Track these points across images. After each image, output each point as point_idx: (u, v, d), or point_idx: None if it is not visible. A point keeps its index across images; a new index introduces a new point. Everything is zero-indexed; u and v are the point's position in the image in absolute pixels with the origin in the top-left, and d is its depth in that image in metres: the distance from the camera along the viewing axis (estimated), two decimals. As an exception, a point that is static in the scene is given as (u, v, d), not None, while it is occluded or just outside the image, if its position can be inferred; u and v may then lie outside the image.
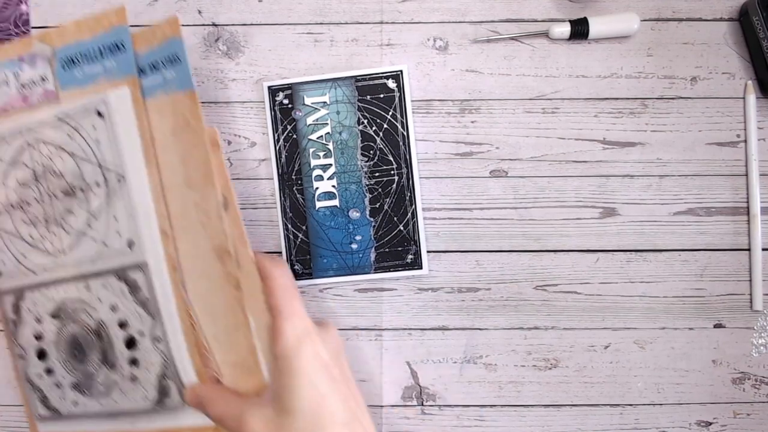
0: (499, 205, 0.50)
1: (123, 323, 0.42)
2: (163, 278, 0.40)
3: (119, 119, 0.40)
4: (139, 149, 0.40)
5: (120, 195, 0.40)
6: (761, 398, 0.49)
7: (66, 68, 0.41)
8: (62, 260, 0.42)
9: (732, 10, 0.50)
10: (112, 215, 0.41)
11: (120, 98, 0.40)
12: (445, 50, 0.50)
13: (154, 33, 0.39)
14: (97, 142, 0.41)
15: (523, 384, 0.49)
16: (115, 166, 0.40)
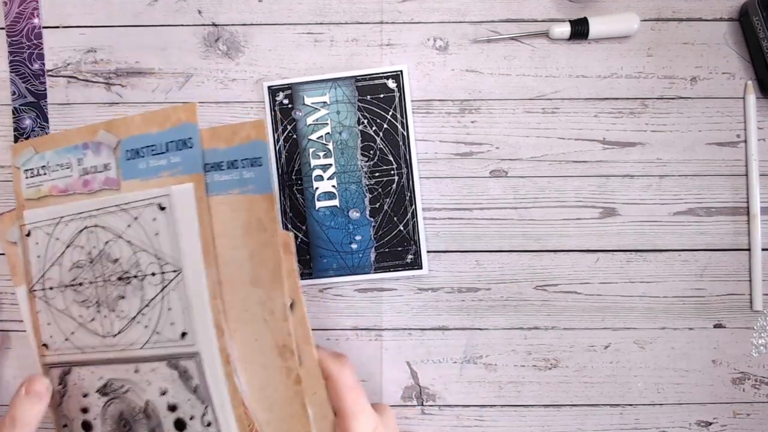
0: (499, 205, 0.50)
1: (173, 406, 0.43)
2: (215, 368, 0.41)
3: (180, 214, 0.41)
4: (198, 245, 0.41)
5: (175, 287, 0.41)
6: (761, 398, 0.49)
7: (130, 159, 0.42)
8: (111, 342, 0.43)
9: (732, 10, 0.50)
10: (167, 306, 0.42)
11: (183, 194, 0.41)
12: (445, 50, 0.50)
13: (236, 131, 0.39)
14: (156, 234, 0.42)
15: (523, 384, 0.49)
16: (173, 259, 0.41)
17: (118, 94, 0.49)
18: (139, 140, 0.42)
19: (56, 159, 0.44)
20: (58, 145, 0.44)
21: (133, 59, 0.49)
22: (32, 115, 0.50)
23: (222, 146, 0.40)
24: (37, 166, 0.45)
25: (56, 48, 0.49)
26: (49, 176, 0.45)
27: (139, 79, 0.49)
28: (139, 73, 0.49)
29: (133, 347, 0.43)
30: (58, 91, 0.50)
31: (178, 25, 0.49)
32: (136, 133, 0.42)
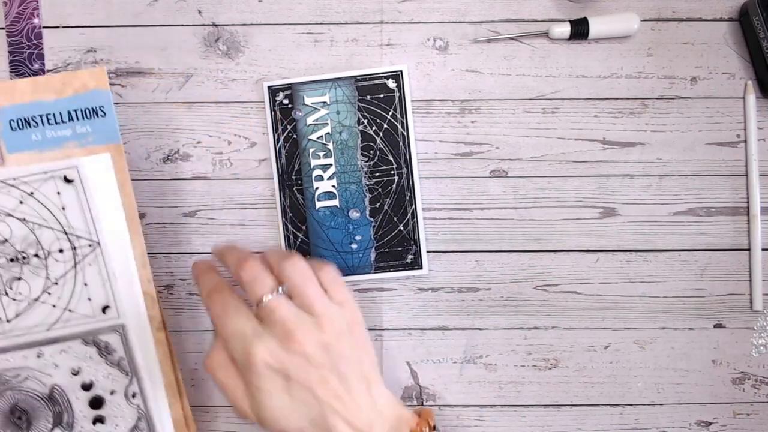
0: (499, 205, 0.50)
1: (87, 385, 0.41)
2: (144, 337, 0.40)
3: (94, 186, 0.39)
4: (120, 216, 0.39)
5: (93, 261, 0.39)
6: (761, 398, 0.49)
7: (17, 129, 0.38)
8: (2, 329, 0.40)
9: (732, 10, 0.50)
10: (81, 281, 0.40)
11: (97, 164, 0.39)
12: (445, 50, 0.50)
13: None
14: (62, 209, 0.39)
15: (523, 384, 0.49)
16: (87, 233, 0.39)
17: (117, 94, 0.49)
18: (28, 108, 0.38)
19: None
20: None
21: (133, 59, 0.49)
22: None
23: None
24: None
25: (56, 48, 0.49)
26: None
27: (139, 79, 0.49)
28: (139, 73, 0.49)
29: (36, 330, 0.40)
30: (58, 91, 0.50)
31: (178, 25, 0.49)
32: (24, 101, 0.38)
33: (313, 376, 0.37)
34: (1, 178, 0.38)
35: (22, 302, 0.40)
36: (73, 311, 0.40)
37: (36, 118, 0.38)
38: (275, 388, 0.37)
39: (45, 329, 0.40)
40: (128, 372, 0.41)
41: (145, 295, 0.41)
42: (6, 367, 0.41)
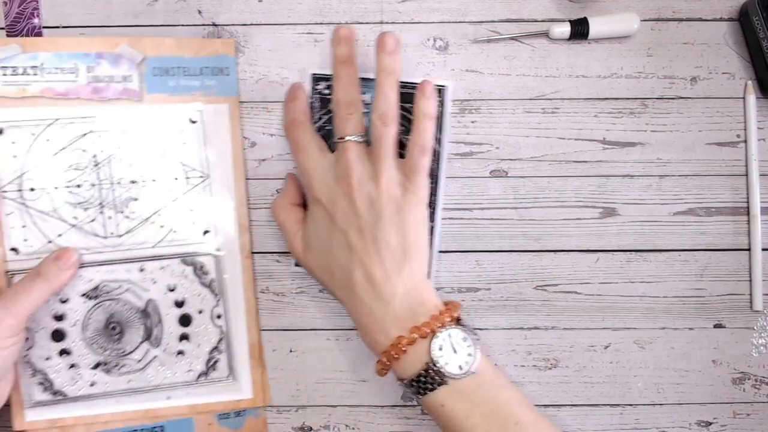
0: (499, 205, 0.50)
1: (180, 302, 0.45)
2: (234, 263, 0.46)
3: (211, 129, 0.46)
4: (229, 158, 0.46)
5: (200, 191, 0.46)
6: (761, 398, 0.49)
7: (158, 75, 0.46)
8: (114, 242, 0.45)
9: (732, 10, 0.50)
10: (188, 207, 0.46)
11: (217, 112, 0.46)
12: (445, 50, 0.50)
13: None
14: (183, 144, 0.46)
15: (523, 384, 0.49)
16: (200, 167, 0.46)
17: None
18: (169, 61, 0.46)
19: (56, 62, 0.44)
20: (60, 49, 0.44)
21: (133, 59, 0.49)
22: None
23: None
24: (24, 65, 0.44)
25: (56, 48, 0.49)
26: (42, 77, 0.44)
27: (139, 79, 0.49)
28: (139, 73, 0.49)
29: (143, 246, 0.45)
30: (58, 91, 0.50)
31: (178, 25, 0.49)
32: (167, 54, 0.46)
33: (352, 223, 0.41)
34: (138, 112, 0.45)
35: (135, 220, 0.45)
36: (177, 232, 0.46)
37: (174, 69, 0.45)
38: (321, 222, 0.43)
39: (150, 246, 0.45)
40: (216, 293, 0.46)
41: (240, 225, 0.47)
42: (110, 278, 0.45)
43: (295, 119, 0.45)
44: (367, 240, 0.41)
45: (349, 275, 0.41)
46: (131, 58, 0.45)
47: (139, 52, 0.45)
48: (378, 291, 0.40)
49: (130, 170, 0.46)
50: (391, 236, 0.41)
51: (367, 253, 0.41)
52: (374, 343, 0.42)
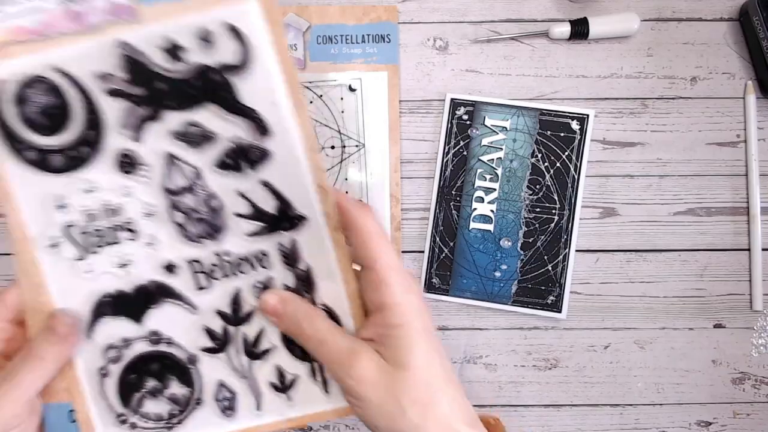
0: (499, 205, 0.50)
1: None
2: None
3: (370, 97, 0.48)
4: (385, 123, 0.48)
5: (355, 159, 0.48)
6: (761, 398, 0.49)
7: (321, 44, 0.47)
8: None
9: (732, 10, 0.50)
10: (343, 175, 0.48)
11: (376, 80, 0.48)
12: (445, 50, 0.50)
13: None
14: (341, 112, 0.48)
15: (523, 384, 0.49)
16: (357, 135, 0.48)
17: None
18: (332, 29, 0.48)
19: None
20: None
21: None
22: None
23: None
24: None
25: (56, 48, 0.49)
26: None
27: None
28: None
29: None
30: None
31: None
32: (331, 22, 0.48)
33: None
34: (301, 80, 0.47)
35: None
36: None
37: (337, 37, 0.48)
38: None
39: None
40: None
41: (392, 196, 0.48)
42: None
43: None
44: None
45: None
46: (297, 26, 0.46)
47: (304, 20, 0.47)
48: None
49: None
50: None
51: None
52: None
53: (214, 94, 0.32)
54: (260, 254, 0.34)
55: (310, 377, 0.36)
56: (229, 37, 0.31)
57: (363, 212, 0.32)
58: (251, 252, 0.34)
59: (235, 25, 0.31)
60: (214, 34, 0.31)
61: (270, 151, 0.33)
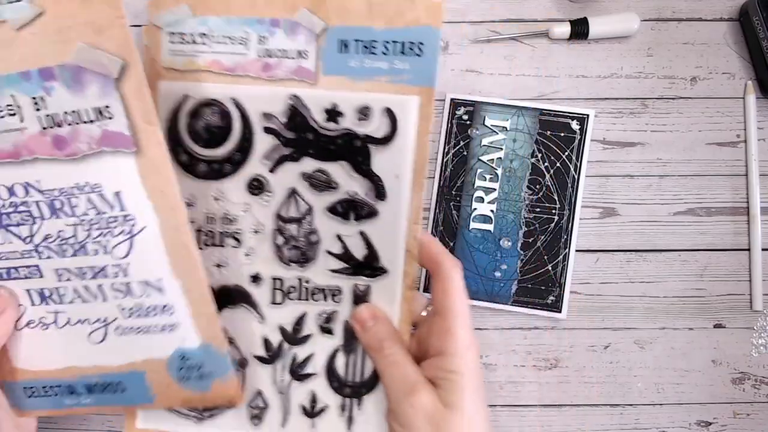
0: (499, 205, 0.50)
1: None
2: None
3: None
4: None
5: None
6: (761, 398, 0.49)
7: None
8: None
9: (732, 10, 0.50)
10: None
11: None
12: (445, 50, 0.50)
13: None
14: None
15: (523, 384, 0.49)
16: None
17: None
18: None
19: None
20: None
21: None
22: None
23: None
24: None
25: (56, 48, 0.49)
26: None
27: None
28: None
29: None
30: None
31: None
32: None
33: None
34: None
35: None
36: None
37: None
38: None
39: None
40: None
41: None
42: None
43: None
44: None
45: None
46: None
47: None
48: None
49: None
50: None
51: None
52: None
53: (351, 155, 0.36)
54: (336, 290, 0.38)
55: (339, 410, 0.39)
56: (383, 116, 0.36)
57: (453, 265, 0.36)
58: (329, 285, 0.38)
59: (392, 109, 0.35)
60: (372, 111, 0.36)
61: (378, 212, 0.37)
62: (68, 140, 0.33)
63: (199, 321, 0.36)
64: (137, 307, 0.36)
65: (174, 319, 0.36)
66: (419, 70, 0.35)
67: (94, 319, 0.36)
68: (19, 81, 0.32)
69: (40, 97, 0.32)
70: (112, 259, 0.35)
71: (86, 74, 0.32)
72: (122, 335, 0.36)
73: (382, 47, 0.35)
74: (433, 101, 0.35)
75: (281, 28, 0.35)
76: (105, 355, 0.37)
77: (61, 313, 0.36)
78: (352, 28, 0.35)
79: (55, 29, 0.31)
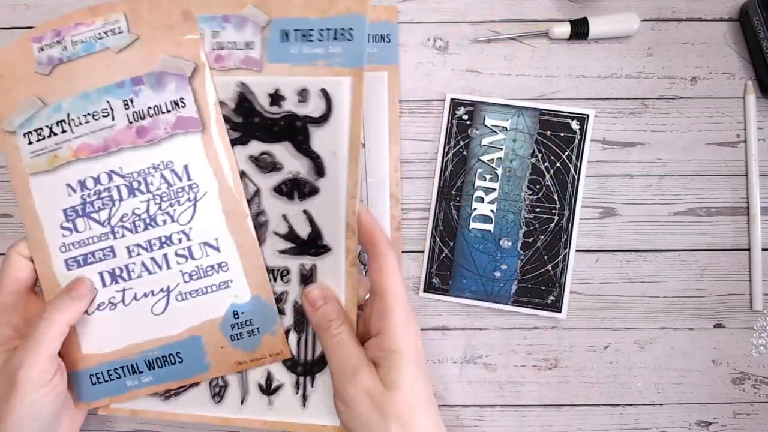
0: (499, 205, 0.50)
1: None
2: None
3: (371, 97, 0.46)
4: (385, 124, 0.46)
5: None
6: (761, 398, 0.49)
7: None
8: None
9: (732, 10, 0.50)
10: None
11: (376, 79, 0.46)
12: (445, 50, 0.50)
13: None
14: None
15: (523, 384, 0.49)
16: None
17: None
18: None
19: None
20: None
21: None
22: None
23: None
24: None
25: (56, 48, 0.49)
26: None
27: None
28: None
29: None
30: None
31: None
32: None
33: None
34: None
35: None
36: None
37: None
38: None
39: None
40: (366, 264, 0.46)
41: (392, 196, 0.47)
42: None
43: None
44: None
45: None
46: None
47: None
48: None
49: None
50: None
51: None
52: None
53: (292, 135, 0.40)
54: (285, 270, 0.41)
55: (293, 388, 0.41)
56: (320, 98, 0.39)
57: (387, 245, 0.38)
58: (278, 266, 0.41)
59: (327, 90, 0.39)
60: (310, 93, 0.39)
61: (319, 189, 0.40)
62: (149, 129, 0.40)
63: (250, 274, 0.40)
64: (197, 269, 0.40)
65: (228, 275, 0.40)
66: (350, 53, 0.39)
67: (157, 289, 0.41)
68: (115, 89, 0.40)
69: (129, 99, 0.40)
70: (178, 225, 0.40)
71: (167, 77, 0.40)
72: (182, 301, 0.41)
73: (318, 35, 0.39)
74: (363, 81, 0.39)
75: (231, 23, 0.40)
76: (165, 325, 0.41)
77: (128, 290, 0.41)
78: (292, 20, 0.39)
79: (147, 49, 0.39)
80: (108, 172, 0.40)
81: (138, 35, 0.40)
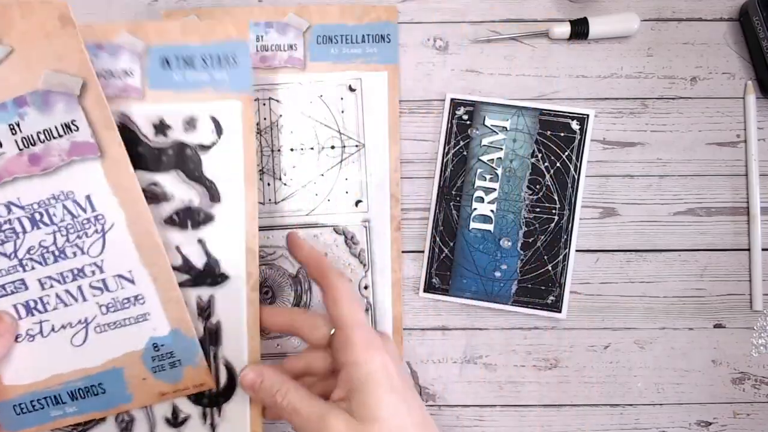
0: (499, 205, 0.50)
1: None
2: (384, 234, 0.47)
3: (369, 97, 0.47)
4: (385, 125, 0.47)
5: (355, 159, 0.47)
6: (761, 398, 0.49)
7: (321, 44, 0.46)
8: (269, 209, 0.47)
9: (732, 10, 0.50)
10: (343, 176, 0.47)
11: (376, 80, 0.47)
12: (445, 50, 0.50)
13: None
14: (341, 112, 0.47)
15: (523, 384, 0.49)
16: (357, 135, 0.47)
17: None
18: (332, 29, 0.47)
19: None
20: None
21: (133, 59, 0.49)
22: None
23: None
24: None
25: (56, 48, 0.49)
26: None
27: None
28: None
29: (297, 214, 0.47)
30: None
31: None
32: (331, 22, 0.46)
33: None
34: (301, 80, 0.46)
35: (291, 188, 0.47)
36: (331, 201, 0.47)
37: (337, 37, 0.46)
38: None
39: (305, 214, 0.47)
40: (365, 264, 0.47)
41: (392, 196, 0.47)
42: (266, 244, 0.47)
43: None
44: None
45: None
46: (297, 26, 0.46)
47: (305, 20, 0.46)
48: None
49: (291, 138, 0.47)
50: None
51: None
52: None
53: (182, 163, 0.39)
54: None
55: (201, 419, 0.41)
56: (209, 124, 0.39)
57: (338, 275, 0.37)
58: None
59: (216, 117, 0.39)
60: (198, 120, 0.39)
61: (214, 216, 0.39)
62: (42, 156, 0.36)
63: (168, 306, 0.39)
64: (113, 302, 0.38)
65: (146, 308, 0.39)
66: (237, 78, 0.39)
67: (75, 321, 0.39)
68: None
69: (15, 123, 0.36)
70: (89, 258, 0.38)
71: (53, 96, 0.35)
72: (101, 333, 0.39)
73: (201, 61, 0.38)
74: (252, 105, 0.40)
75: (106, 51, 0.38)
76: (86, 356, 0.39)
77: (45, 322, 0.38)
78: (171, 47, 0.38)
79: (25, 63, 0.35)
80: (5, 203, 0.36)
81: (12, 47, 0.35)
